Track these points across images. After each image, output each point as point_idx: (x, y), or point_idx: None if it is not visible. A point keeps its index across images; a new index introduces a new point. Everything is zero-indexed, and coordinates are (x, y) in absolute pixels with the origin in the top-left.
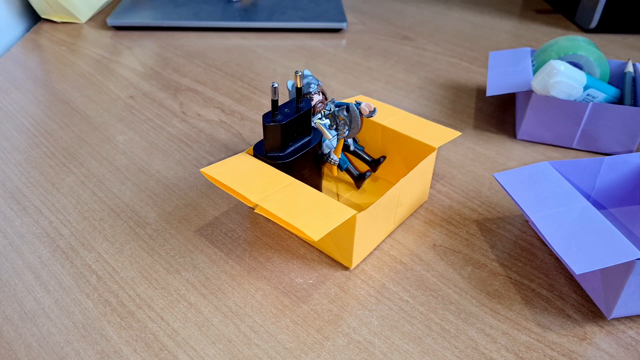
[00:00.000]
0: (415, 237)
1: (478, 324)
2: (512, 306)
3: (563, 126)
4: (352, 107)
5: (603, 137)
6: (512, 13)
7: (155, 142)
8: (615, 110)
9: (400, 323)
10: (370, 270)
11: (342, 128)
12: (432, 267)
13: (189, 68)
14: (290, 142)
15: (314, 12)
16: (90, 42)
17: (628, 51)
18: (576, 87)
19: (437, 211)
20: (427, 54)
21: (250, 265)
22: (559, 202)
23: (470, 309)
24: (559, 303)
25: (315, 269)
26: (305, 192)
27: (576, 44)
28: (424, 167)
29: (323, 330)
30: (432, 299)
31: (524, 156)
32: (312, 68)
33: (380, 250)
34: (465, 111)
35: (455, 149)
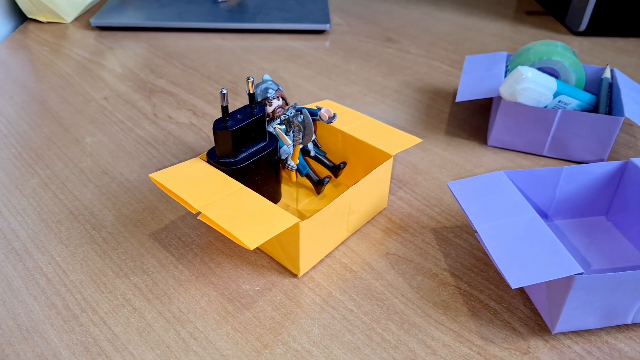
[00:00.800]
0: (369, 244)
1: (420, 335)
2: (458, 317)
3: (533, 133)
4: (305, 113)
5: (574, 145)
6: (502, 15)
7: (123, 144)
8: (585, 118)
9: (342, 332)
10: (319, 278)
11: (297, 134)
12: (381, 276)
13: (167, 69)
14: (243, 148)
15: (299, 13)
16: (72, 43)
17: (616, 54)
18: (545, 93)
19: (396, 218)
20: (409, 56)
21: (199, 270)
22: (507, 214)
23: (414, 319)
24: (505, 315)
25: (263, 275)
26: (251, 199)
27: (551, 49)
28: (378, 175)
29: (263, 338)
30: (377, 309)
31: (492, 163)
32: (290, 70)
33: (332, 257)
34: (439, 116)
35: (423, 155)
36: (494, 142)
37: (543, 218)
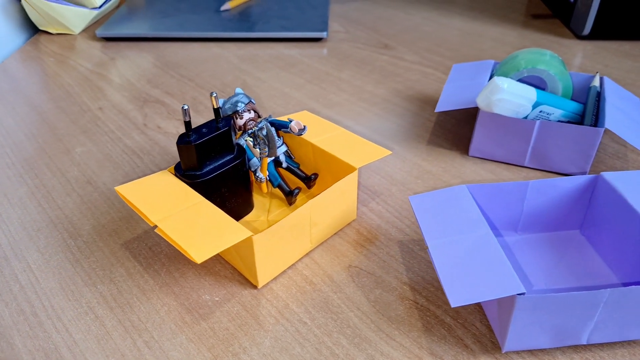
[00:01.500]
0: (333, 257)
1: (370, 349)
2: (410, 333)
3: (513, 144)
4: (268, 127)
5: (554, 156)
6: (506, 19)
7: (110, 154)
8: (564, 129)
9: (292, 345)
10: (278, 289)
11: (262, 147)
12: (340, 289)
13: (163, 79)
14: (208, 161)
15: (298, 21)
16: (78, 54)
17: (620, 59)
18: (523, 104)
19: (364, 230)
20: (403, 63)
21: (164, 280)
22: (461, 230)
23: (366, 333)
24: (460, 332)
25: (225, 286)
26: (208, 212)
27: (537, 58)
28: (341, 188)
29: (214, 349)
30: (331, 322)
31: (471, 174)
32: (282, 79)
33: (294, 269)
34: (424, 125)
35: (401, 165)
36: (475, 152)
37: (512, 232)
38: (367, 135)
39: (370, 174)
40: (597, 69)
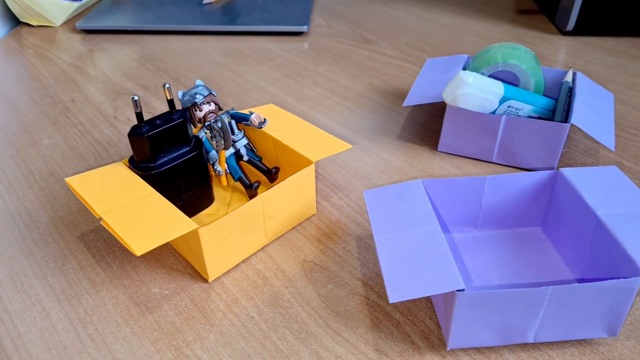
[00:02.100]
0: (288, 251)
1: (315, 345)
2: (358, 329)
3: (480, 139)
4: (222, 119)
5: (522, 152)
6: (492, 14)
7: (77, 146)
8: (530, 125)
9: (236, 339)
10: (229, 283)
11: (218, 140)
12: (292, 284)
13: (139, 72)
14: (162, 153)
15: (280, 14)
16: (56, 46)
17: (602, 55)
18: (490, 99)
19: (323, 225)
20: (382, 58)
21: (115, 272)
22: (409, 225)
23: (313, 329)
24: (408, 328)
25: (176, 279)
26: (156, 205)
27: (509, 52)
28: (297, 181)
29: (157, 343)
30: (279, 317)
31: (438, 169)
32: (258, 72)
33: (248, 263)
34: (396, 120)
35: (368, 160)
36: (444, 147)
37: (471, 228)
38: (336, 130)
39: (335, 168)
40: (579, 64)
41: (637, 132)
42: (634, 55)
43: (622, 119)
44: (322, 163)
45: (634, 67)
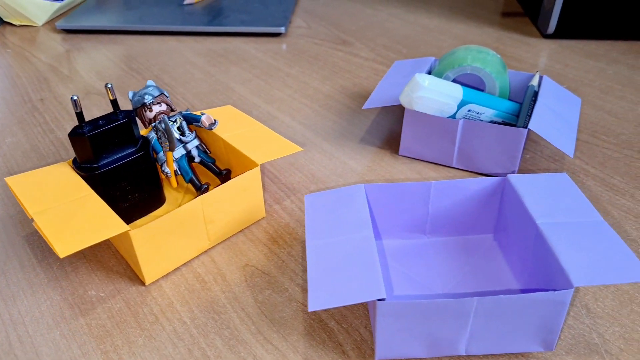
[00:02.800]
0: (232, 255)
1: (243, 352)
2: (290, 336)
3: (439, 144)
4: (165, 120)
5: (481, 157)
6: (474, 16)
7: (38, 145)
8: (487, 129)
9: (165, 345)
10: (167, 287)
11: (164, 141)
12: (230, 289)
13: (112, 72)
14: (105, 154)
15: (259, 15)
16: (35, 46)
17: (582, 58)
18: (447, 102)
19: (270, 229)
20: (357, 60)
21: (55, 274)
22: (344, 231)
23: (244, 335)
24: (341, 337)
25: (114, 282)
26: (91, 206)
27: (473, 56)
28: (240, 184)
29: (84, 346)
30: (211, 322)
31: (397, 173)
32: (230, 73)
33: (189, 266)
34: (361, 123)
35: (327, 163)
36: (405, 152)
37: (420, 235)
38: (299, 132)
39: (292, 171)
40: (556, 68)
41: (607, 139)
42: (615, 59)
43: (593, 124)
44: (279, 165)
45: (613, 71)
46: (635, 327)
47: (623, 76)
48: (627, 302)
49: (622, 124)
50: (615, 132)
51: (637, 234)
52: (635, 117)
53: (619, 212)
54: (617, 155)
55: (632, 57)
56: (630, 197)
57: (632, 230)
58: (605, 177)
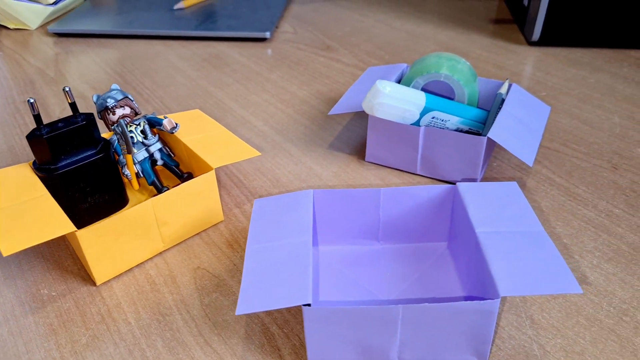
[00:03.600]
0: (185, 258)
1: (182, 354)
2: (230, 339)
3: (403, 151)
4: (121, 124)
5: (443, 164)
6: (462, 22)
7: (15, 146)
8: (448, 137)
9: (106, 344)
10: (118, 287)
11: (122, 144)
12: (178, 291)
13: (95, 75)
14: (64, 155)
15: (246, 21)
16: (27, 48)
17: (564, 66)
18: (409, 109)
19: (227, 233)
20: (338, 65)
21: (11, 272)
22: (284, 235)
23: (185, 337)
24: (280, 342)
25: (67, 281)
26: (44, 206)
27: (442, 63)
28: (194, 187)
29: (29, 344)
30: (155, 324)
31: (361, 180)
32: (212, 77)
33: (142, 268)
34: (332, 129)
35: (292, 168)
36: (370, 158)
37: (373, 241)
38: (270, 136)
39: (257, 175)
40: (537, 76)
41: (578, 148)
42: (599, 67)
43: (566, 133)
44: (245, 170)
45: (595, 79)
46: (578, 339)
47: (604, 85)
48: (574, 314)
49: (596, 134)
50: (587, 141)
51: (593, 245)
52: (610, 127)
53: (580, 222)
54: (586, 165)
55: (616, 66)
56: (592, 208)
57: (590, 241)
58: (570, 187)
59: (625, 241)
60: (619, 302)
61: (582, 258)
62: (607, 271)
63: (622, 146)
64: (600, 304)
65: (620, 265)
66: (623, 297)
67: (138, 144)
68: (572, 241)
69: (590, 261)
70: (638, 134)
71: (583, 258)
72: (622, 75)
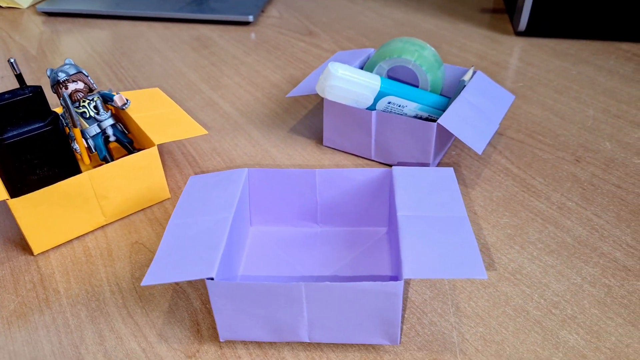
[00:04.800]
0: (126, 232)
1: (103, 324)
2: (152, 312)
3: (357, 135)
4: (64, 97)
5: (396, 150)
6: (452, 11)
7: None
8: (399, 122)
9: (33, 311)
10: (54, 258)
11: (67, 117)
12: (112, 263)
13: (76, 54)
14: (10, 127)
15: (232, 4)
16: (15, 26)
17: (548, 57)
18: (362, 93)
19: (172, 210)
20: (316, 51)
21: None
22: (208, 211)
23: (109, 308)
24: (201, 317)
25: (7, 250)
26: None
27: (405, 48)
28: (134, 162)
29: None
30: (83, 294)
31: (315, 163)
32: (188, 59)
33: (82, 240)
34: (298, 112)
35: (249, 150)
36: (328, 142)
37: (311, 223)
38: (233, 118)
39: (212, 156)
40: (518, 66)
41: (543, 139)
42: (585, 59)
43: (535, 124)
44: (201, 149)
45: (577, 71)
46: (501, 329)
47: (586, 77)
48: (502, 304)
49: (566, 126)
50: (555, 133)
51: (537, 237)
52: (582, 119)
53: (528, 213)
54: (548, 157)
55: (602, 58)
56: (545, 200)
57: (535, 232)
58: (526, 178)
59: (572, 234)
60: (552, 294)
61: (523, 249)
62: (546, 263)
63: (591, 139)
64: (531, 295)
65: (561, 257)
66: (557, 289)
67: (91, 120)
68: (516, 232)
69: (530, 252)
70: (610, 128)
71: (524, 249)
72: (607, 67)
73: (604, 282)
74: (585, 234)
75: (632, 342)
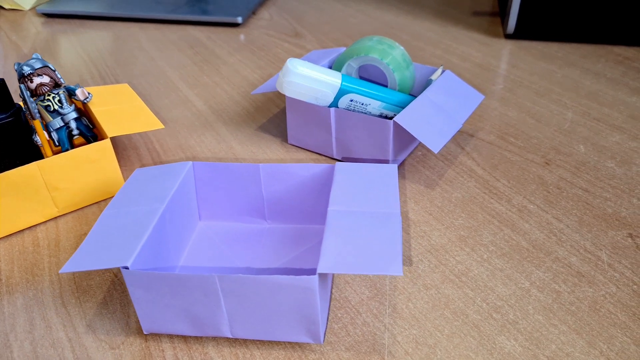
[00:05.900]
0: (77, 224)
1: (35, 313)
2: (86, 303)
3: (318, 133)
4: (21, 89)
5: (356, 148)
6: (443, 14)
7: None
8: (356, 120)
9: None
10: (2, 247)
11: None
12: (57, 254)
13: (66, 53)
14: None
15: (223, 6)
16: (15, 27)
17: (534, 60)
18: (321, 90)
19: None
20: (298, 51)
21: None
22: (140, 202)
23: (45, 298)
24: (132, 309)
25: None
26: None
27: (372, 47)
28: (86, 154)
29: None
30: (23, 283)
31: (276, 161)
32: (172, 59)
33: (33, 230)
34: (269, 111)
35: (214, 146)
36: (292, 140)
37: (259, 219)
38: (204, 115)
39: (176, 152)
40: (501, 68)
41: (514, 141)
42: (572, 62)
43: (508, 126)
44: (166, 145)
45: (562, 74)
46: (435, 332)
47: (570, 80)
48: (442, 306)
49: (540, 128)
50: (528, 135)
51: (490, 240)
52: (558, 122)
53: (485, 215)
54: (516, 159)
55: (590, 62)
56: (506, 202)
57: (489, 235)
58: (490, 180)
59: (527, 238)
60: (495, 298)
61: (474, 251)
62: (495, 266)
63: (564, 142)
64: (474, 298)
65: (512, 261)
66: (502, 293)
67: (55, 113)
68: (470, 234)
69: (480, 255)
70: (586, 131)
71: (474, 251)
72: (594, 71)
73: (553, 287)
74: (542, 238)
75: (573, 350)
